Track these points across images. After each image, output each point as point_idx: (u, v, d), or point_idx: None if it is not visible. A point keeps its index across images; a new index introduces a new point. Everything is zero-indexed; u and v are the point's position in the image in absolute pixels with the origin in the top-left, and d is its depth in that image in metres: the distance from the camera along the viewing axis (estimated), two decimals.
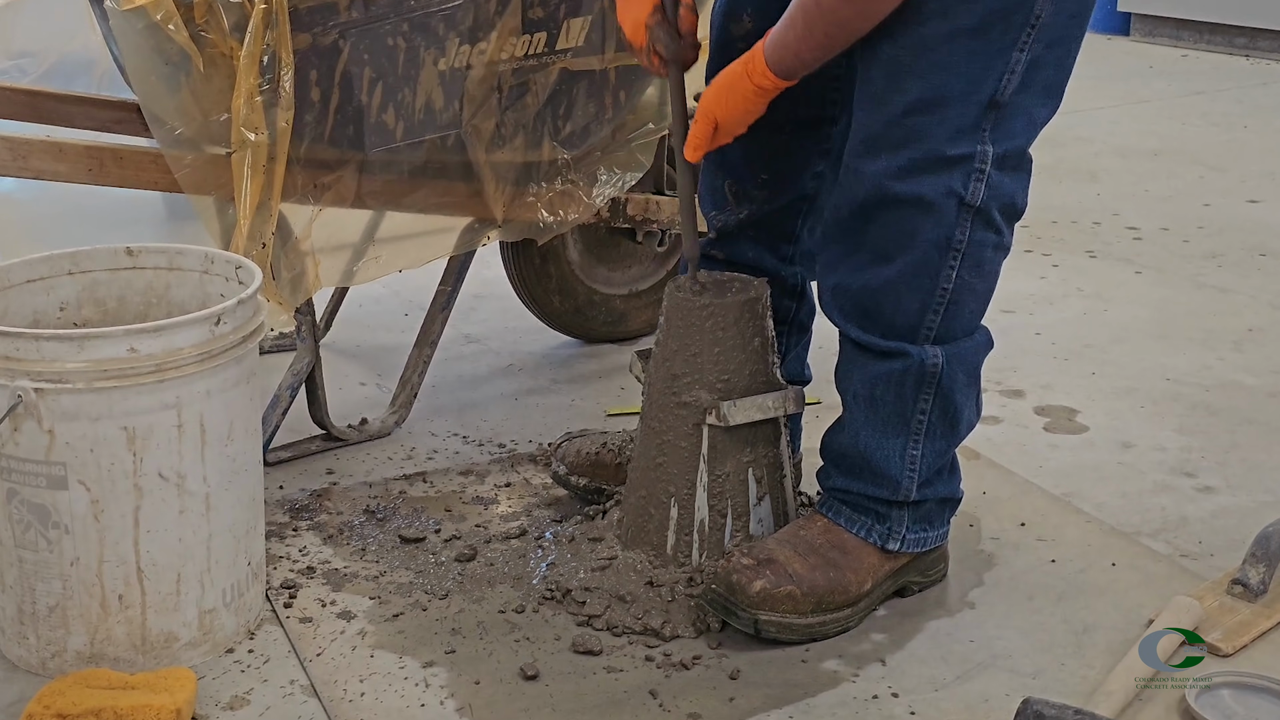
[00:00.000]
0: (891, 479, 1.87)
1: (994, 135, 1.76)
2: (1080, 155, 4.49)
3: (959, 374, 1.86)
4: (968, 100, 1.74)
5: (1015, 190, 1.81)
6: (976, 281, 1.83)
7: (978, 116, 1.74)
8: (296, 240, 2.22)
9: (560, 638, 1.83)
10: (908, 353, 1.83)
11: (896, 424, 1.86)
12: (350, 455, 2.36)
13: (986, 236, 1.80)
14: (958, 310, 1.83)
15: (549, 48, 2.31)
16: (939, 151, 1.75)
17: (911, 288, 1.81)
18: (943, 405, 1.86)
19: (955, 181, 1.76)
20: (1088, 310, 3.10)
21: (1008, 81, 1.73)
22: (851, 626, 1.86)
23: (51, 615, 1.71)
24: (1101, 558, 2.04)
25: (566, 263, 2.74)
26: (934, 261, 1.79)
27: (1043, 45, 1.74)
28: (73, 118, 2.48)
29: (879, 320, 1.84)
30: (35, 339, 1.62)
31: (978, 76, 1.73)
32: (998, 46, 1.72)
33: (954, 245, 1.79)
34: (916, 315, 1.82)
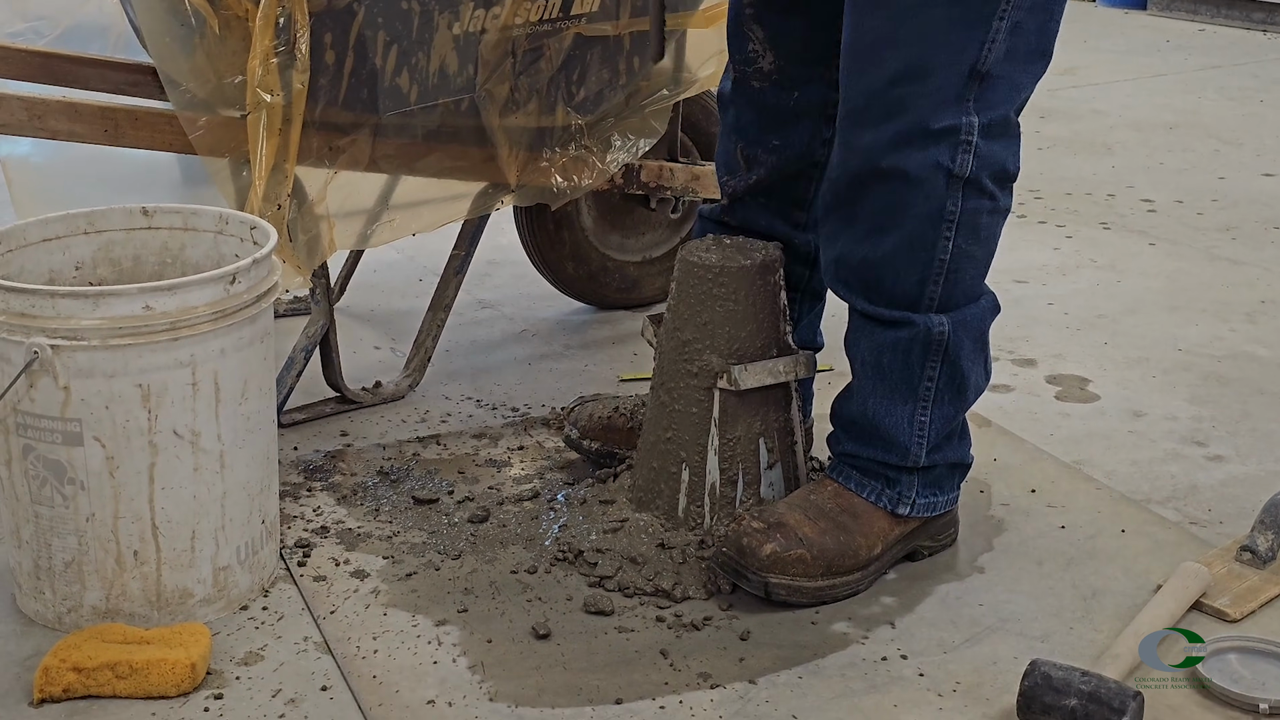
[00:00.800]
0: (900, 445, 1.88)
1: (978, 105, 1.75)
2: (1096, 128, 4.48)
3: (965, 340, 1.86)
4: (950, 70, 1.73)
5: (1005, 156, 1.81)
6: (974, 248, 1.83)
7: (961, 87, 1.74)
8: (312, 203, 2.22)
9: (572, 598, 1.84)
10: (913, 321, 1.84)
11: (904, 391, 1.87)
12: (364, 418, 2.37)
13: (980, 203, 1.80)
14: (958, 278, 1.83)
15: (563, 13, 2.31)
16: (924, 124, 1.74)
17: (909, 260, 1.81)
18: (950, 372, 1.86)
19: (942, 155, 1.75)
20: (1101, 281, 3.10)
21: (989, 50, 1.73)
22: (861, 590, 1.87)
23: (67, 571, 1.73)
24: (1111, 524, 2.05)
25: (580, 229, 2.75)
26: (928, 234, 1.79)
27: (1023, 11, 1.73)
28: (88, 80, 2.48)
29: (881, 291, 1.84)
30: (51, 296, 1.63)
31: (958, 45, 1.72)
32: (977, 15, 1.71)
33: (946, 217, 1.79)
34: (917, 286, 1.82)
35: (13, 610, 1.80)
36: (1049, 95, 4.91)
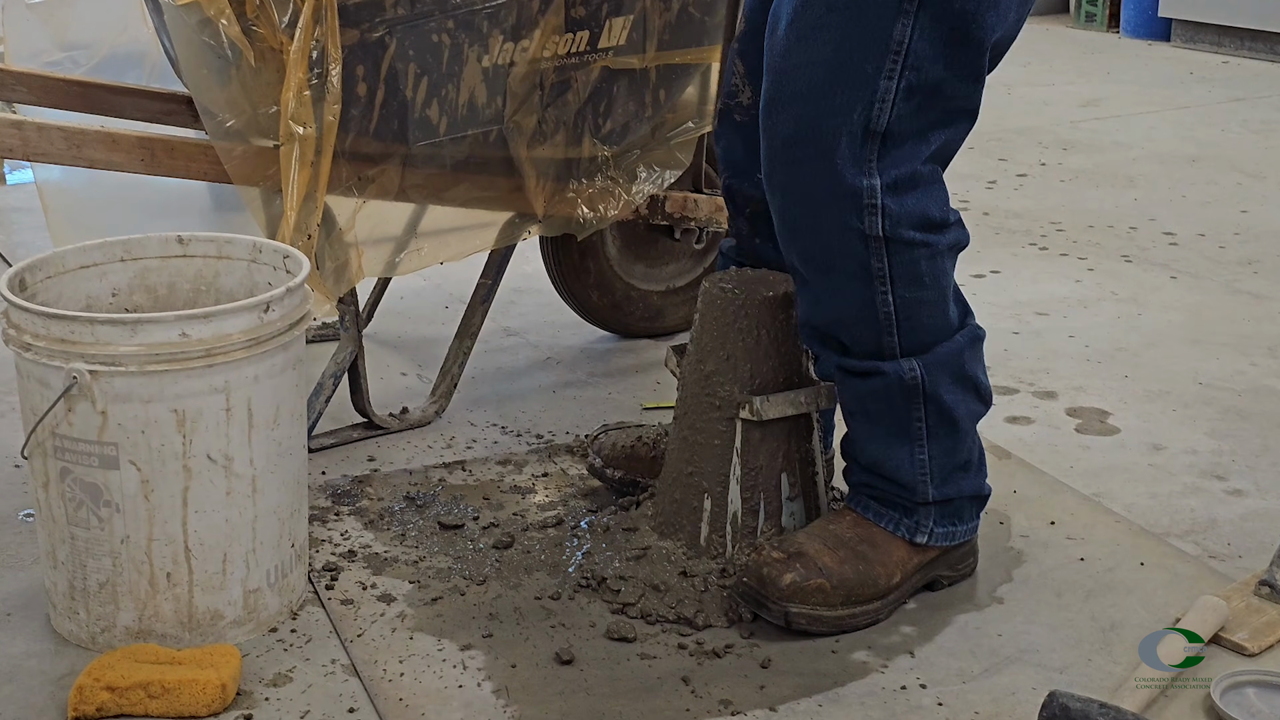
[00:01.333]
0: (906, 485, 1.90)
1: (880, 165, 1.76)
2: (1118, 160, 4.50)
3: (942, 378, 1.87)
4: (841, 131, 1.74)
5: (925, 205, 1.80)
6: (922, 293, 1.83)
7: (855, 147, 1.74)
8: (340, 231, 2.26)
9: (595, 624, 1.86)
10: (883, 371, 1.86)
11: (897, 433, 1.89)
12: (391, 443, 2.41)
13: (912, 253, 1.80)
14: (914, 324, 1.84)
15: (591, 46, 2.35)
16: (827, 187, 1.76)
17: (856, 317, 1.83)
18: (936, 410, 1.88)
19: (850, 218, 1.77)
20: (1122, 314, 3.12)
21: (880, 110, 1.73)
22: (881, 619, 1.89)
23: (102, 591, 1.76)
24: (1130, 557, 2.06)
25: (605, 258, 2.78)
26: (864, 292, 1.81)
27: (920, 72, 1.73)
28: (124, 109, 2.53)
29: (845, 346, 1.87)
30: (90, 323, 1.67)
31: (845, 106, 1.73)
32: (859, 75, 1.72)
33: (875, 274, 1.80)
34: (873, 339, 1.84)
35: (48, 630, 1.84)
36: (1071, 127, 4.94)
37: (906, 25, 1.71)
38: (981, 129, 1.89)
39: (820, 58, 1.73)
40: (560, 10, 2.28)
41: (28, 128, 2.12)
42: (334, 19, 2.07)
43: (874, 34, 1.71)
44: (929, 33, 1.71)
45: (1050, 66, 6.12)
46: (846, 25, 1.72)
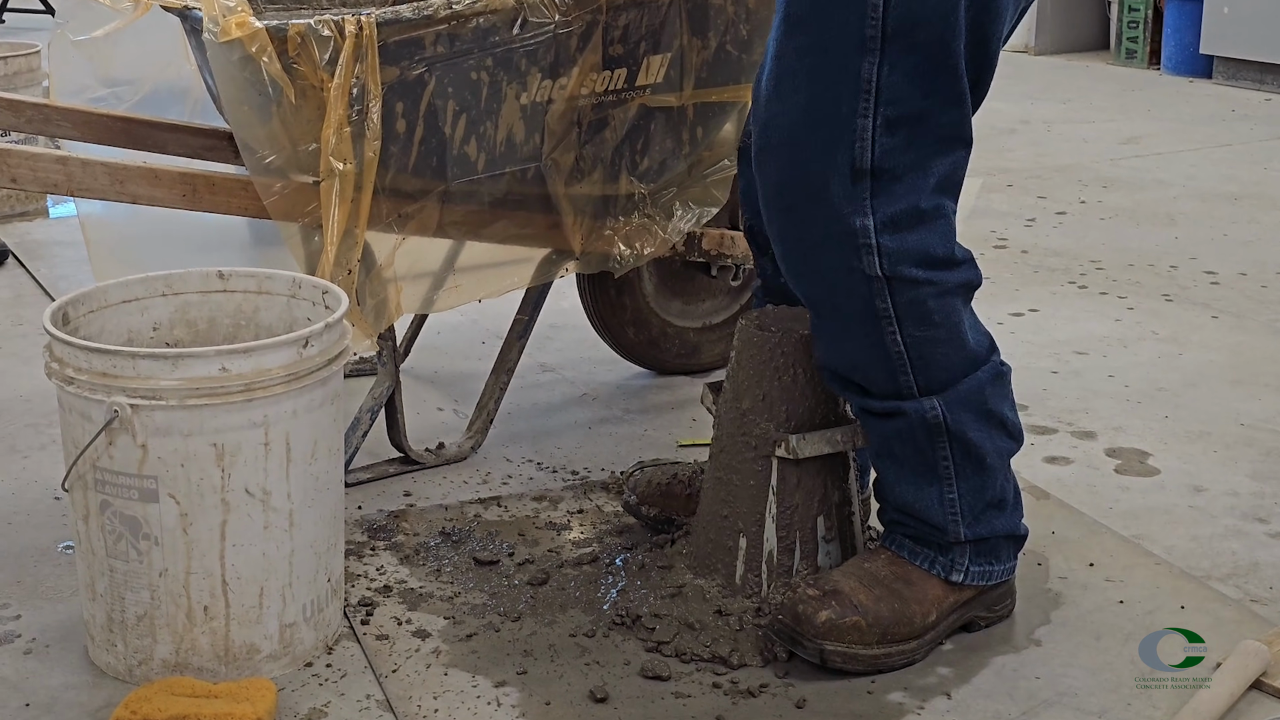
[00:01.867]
0: (938, 524, 1.89)
1: (875, 203, 1.75)
2: (1159, 199, 4.48)
3: (965, 416, 1.85)
4: (825, 174, 1.73)
5: (927, 242, 1.78)
6: (932, 332, 1.81)
7: (846, 187, 1.74)
8: (380, 268, 2.27)
9: (630, 662, 1.86)
10: (904, 411, 1.84)
11: (924, 473, 1.88)
12: (427, 478, 2.41)
13: (917, 292, 1.79)
14: (928, 363, 1.82)
15: (629, 84, 2.36)
16: (821, 231, 1.76)
17: (867, 358, 1.82)
18: (962, 448, 1.86)
19: (849, 258, 1.76)
20: (1162, 354, 3.10)
21: (863, 148, 1.72)
22: (917, 659, 1.87)
23: (139, 624, 1.77)
24: (1171, 600, 2.04)
25: (641, 295, 2.79)
26: (871, 332, 1.80)
27: (898, 109, 1.72)
28: (166, 144, 2.56)
29: (864, 387, 1.86)
30: (132, 357, 1.69)
31: (826, 147, 1.73)
32: (833, 115, 1.72)
33: (880, 315, 1.79)
34: (888, 379, 1.83)
35: (85, 662, 1.85)
36: (1111, 165, 4.92)
37: (873, 62, 1.71)
38: (1021, 166, 1.89)
39: (796, 103, 1.74)
40: (598, 48, 2.29)
41: (72, 163, 2.15)
42: (374, 56, 2.09)
43: (842, 74, 1.71)
44: (900, 66, 1.71)
45: (1090, 103, 6.10)
46: (816, 69, 1.73)
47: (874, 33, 1.70)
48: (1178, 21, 6.81)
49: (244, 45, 2.05)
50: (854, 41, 1.70)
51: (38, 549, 2.15)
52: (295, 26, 2.06)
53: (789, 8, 1.75)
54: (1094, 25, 7.59)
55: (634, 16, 2.31)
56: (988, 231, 3.98)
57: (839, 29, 1.71)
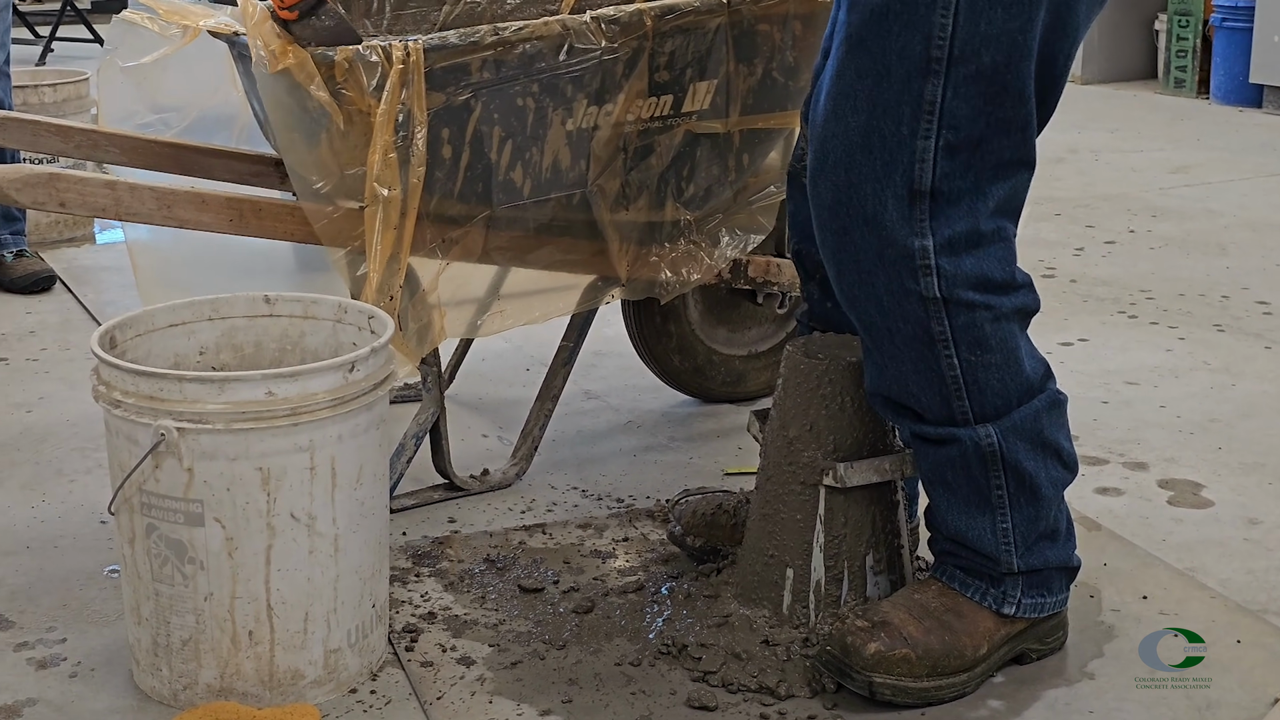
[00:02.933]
0: (990, 554, 1.86)
1: (933, 224, 1.73)
2: (1210, 228, 4.43)
3: (1019, 444, 1.83)
4: (881, 196, 1.72)
5: (985, 266, 1.76)
6: (987, 357, 1.78)
7: (903, 209, 1.72)
8: (424, 293, 2.27)
9: (675, 692, 1.84)
10: (958, 438, 1.82)
11: (977, 502, 1.85)
12: (471, 505, 2.40)
13: (974, 316, 1.76)
14: (983, 389, 1.79)
15: (674, 110, 2.36)
16: (875, 253, 1.74)
17: (920, 384, 1.80)
18: (1016, 478, 1.83)
19: (906, 280, 1.74)
20: (1215, 384, 3.05)
21: (922, 169, 1.71)
22: (968, 692, 1.84)
23: (184, 648, 1.76)
24: (1226, 634, 2.00)
25: (687, 322, 2.77)
26: (926, 356, 1.78)
27: (959, 133, 1.70)
28: (213, 170, 2.57)
29: (916, 414, 1.83)
30: (179, 380, 1.69)
31: (883, 168, 1.71)
32: (894, 136, 1.70)
33: (937, 338, 1.76)
34: (942, 405, 1.80)
35: (130, 686, 1.85)
36: (1160, 194, 4.88)
37: (937, 84, 1.69)
38: (1069, 195, 1.87)
39: (854, 124, 1.73)
40: (644, 74, 2.29)
41: (120, 188, 2.16)
42: (420, 82, 2.09)
43: (904, 96, 1.70)
44: (963, 90, 1.70)
45: (1139, 132, 6.05)
46: (876, 90, 1.71)
47: (939, 54, 1.68)
48: (1227, 50, 6.75)
49: (293, 73, 2.06)
50: (917, 63, 1.69)
51: (84, 573, 2.16)
52: (344, 53, 2.06)
53: (849, 29, 1.73)
54: (1142, 54, 7.55)
55: (680, 43, 2.31)
56: (1036, 261, 3.95)
57: (901, 50, 1.69)
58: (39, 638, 1.98)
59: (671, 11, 2.28)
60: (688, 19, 2.29)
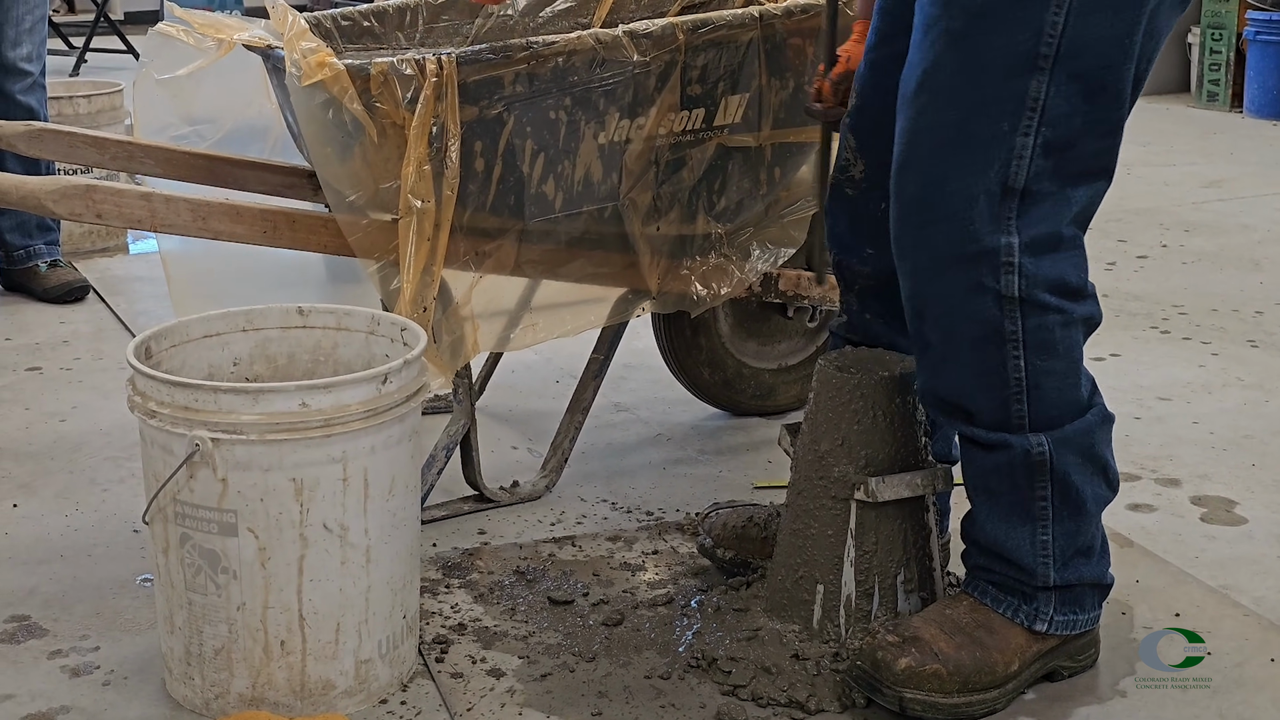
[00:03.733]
0: (1027, 567, 1.85)
1: (1020, 223, 1.74)
2: (1243, 243, 4.40)
3: (1070, 457, 1.82)
4: (972, 193, 1.72)
5: (1062, 269, 1.77)
6: (1052, 363, 1.79)
7: (994, 206, 1.73)
8: (456, 305, 2.28)
9: (705, 706, 1.83)
10: (1009, 444, 1.81)
11: (1019, 513, 1.84)
12: (501, 516, 2.41)
13: (1046, 319, 1.77)
14: (1042, 394, 1.79)
15: (706, 124, 2.36)
16: (959, 248, 1.74)
17: (982, 384, 1.80)
18: (1062, 490, 1.83)
19: (985, 277, 1.74)
20: (1248, 400, 3.03)
21: (1018, 168, 1.71)
22: (999, 709, 1.83)
23: (217, 658, 1.77)
24: (1260, 652, 1.99)
25: (717, 335, 2.77)
26: (994, 356, 1.77)
27: (1056, 131, 1.71)
28: (247, 182, 2.58)
29: (971, 414, 1.83)
30: (213, 391, 1.70)
31: (980, 165, 1.72)
32: (994, 132, 1.71)
33: (1008, 337, 1.76)
34: (1000, 408, 1.80)
35: (163, 695, 1.86)
36: (1193, 209, 4.85)
37: (1042, 81, 1.70)
38: (1101, 209, 1.86)
39: (949, 119, 1.73)
40: (676, 88, 2.29)
41: (156, 200, 2.17)
42: (454, 95, 2.10)
43: (1008, 92, 1.70)
44: (1065, 89, 1.70)
45: (1171, 146, 6.02)
46: (975, 85, 1.71)
47: (1048, 51, 1.69)
48: (1260, 64, 6.71)
49: (326, 86, 2.07)
50: (1023, 59, 1.69)
51: (117, 581, 2.17)
52: (378, 66, 2.07)
53: (949, 22, 1.72)
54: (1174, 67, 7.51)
55: (712, 57, 2.31)
56: None
57: (1005, 46, 1.69)
58: (73, 645, 1.99)
59: (704, 25, 2.29)
60: (720, 33, 2.30)
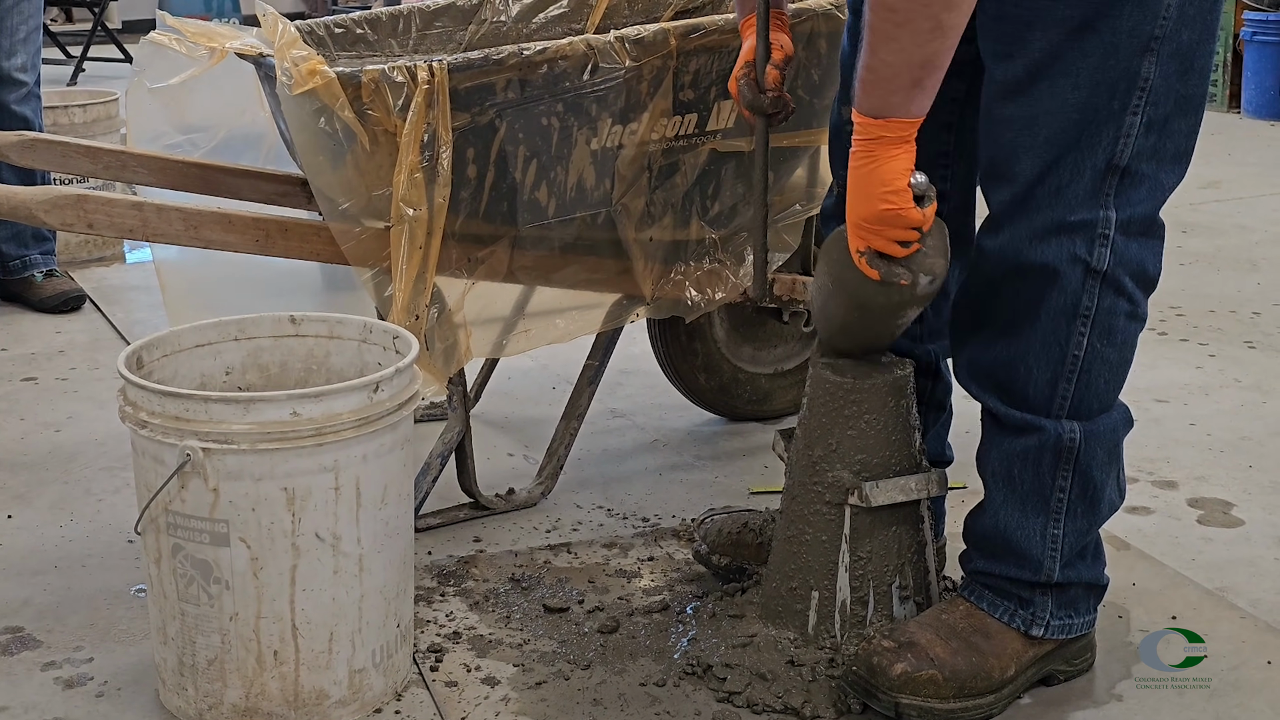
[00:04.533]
0: (1034, 559, 1.85)
1: (1118, 200, 1.76)
2: (1240, 244, 4.40)
3: (1097, 451, 1.84)
4: (1084, 165, 1.74)
5: (1145, 256, 1.80)
6: (1109, 351, 1.81)
7: (1096, 182, 1.75)
8: (450, 312, 2.28)
9: (700, 713, 1.83)
10: (1043, 427, 1.82)
11: (1036, 502, 1.85)
12: (497, 524, 2.40)
13: (1118, 304, 1.79)
14: (1090, 380, 1.81)
15: (699, 129, 2.36)
16: (1060, 218, 1.76)
17: (1041, 357, 1.80)
18: (1082, 483, 1.84)
19: (1079, 247, 1.76)
20: (1245, 402, 3.03)
21: (1125, 145, 1.74)
22: (995, 714, 1.83)
23: (210, 668, 1.77)
24: (1256, 655, 1.99)
25: (712, 341, 2.77)
26: (1062, 330, 1.79)
27: (1161, 109, 1.74)
28: (240, 190, 2.58)
29: (1013, 392, 1.83)
30: (204, 401, 1.69)
31: (1091, 142, 1.74)
32: (1108, 111, 1.73)
33: (1082, 312, 1.78)
34: (1049, 386, 1.81)
35: (156, 705, 1.85)
36: (1191, 210, 4.85)
37: (1152, 61, 1.72)
38: None
39: (1072, 101, 1.73)
40: (669, 93, 2.29)
41: (147, 209, 2.17)
42: (446, 102, 2.10)
43: (1125, 72, 1.72)
44: (1164, 66, 1.73)
45: None
46: (1100, 68, 1.72)
47: (1160, 33, 1.71)
48: (1257, 64, 6.71)
49: (318, 93, 2.07)
50: (1142, 41, 1.71)
51: (111, 592, 2.17)
52: (369, 73, 2.07)
53: (1069, 9, 1.72)
54: None
55: (705, 62, 2.31)
56: None
57: (1132, 30, 1.71)
58: (66, 657, 1.98)
59: (696, 30, 2.28)
60: (712, 38, 2.29)
